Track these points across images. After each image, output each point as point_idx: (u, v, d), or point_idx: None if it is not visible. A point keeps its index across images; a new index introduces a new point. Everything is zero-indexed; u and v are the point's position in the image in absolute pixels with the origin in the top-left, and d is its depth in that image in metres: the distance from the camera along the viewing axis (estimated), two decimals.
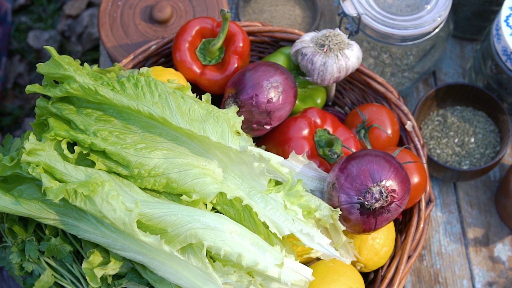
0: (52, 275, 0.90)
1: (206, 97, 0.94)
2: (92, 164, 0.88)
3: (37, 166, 0.84)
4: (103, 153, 0.87)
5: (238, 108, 0.94)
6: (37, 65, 0.89)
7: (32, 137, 0.86)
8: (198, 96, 1.05)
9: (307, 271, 0.86)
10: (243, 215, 0.87)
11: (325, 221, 0.89)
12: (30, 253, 0.90)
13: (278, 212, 0.87)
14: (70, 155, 0.87)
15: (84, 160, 0.89)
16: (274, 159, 0.91)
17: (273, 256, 0.84)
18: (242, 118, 0.92)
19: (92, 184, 0.82)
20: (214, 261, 0.85)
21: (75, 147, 0.88)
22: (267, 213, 0.87)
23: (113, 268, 0.86)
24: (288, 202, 0.88)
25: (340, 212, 0.88)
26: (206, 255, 0.84)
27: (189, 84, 0.97)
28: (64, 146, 0.87)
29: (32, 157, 0.85)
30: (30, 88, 0.88)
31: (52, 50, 0.89)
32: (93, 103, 0.89)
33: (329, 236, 0.91)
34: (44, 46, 0.89)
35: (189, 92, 0.94)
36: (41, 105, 0.90)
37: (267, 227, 0.87)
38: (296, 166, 0.93)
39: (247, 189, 0.88)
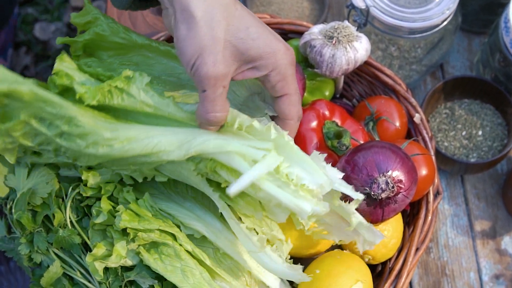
0: (61, 266, 0.90)
1: None
2: None
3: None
4: None
5: None
6: (71, 14, 0.91)
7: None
8: None
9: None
10: None
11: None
12: (39, 244, 0.90)
13: None
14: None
15: None
16: None
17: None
18: None
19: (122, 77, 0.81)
20: None
21: None
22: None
23: (114, 261, 0.86)
24: None
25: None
26: None
27: None
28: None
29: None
30: (60, 40, 0.90)
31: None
32: (116, 49, 0.91)
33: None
34: None
35: None
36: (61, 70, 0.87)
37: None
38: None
39: None
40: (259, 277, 0.88)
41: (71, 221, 0.91)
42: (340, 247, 0.99)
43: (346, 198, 0.85)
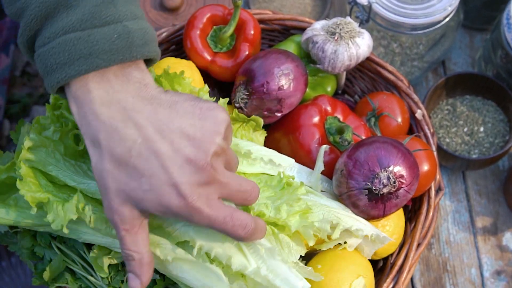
0: (64, 260, 0.90)
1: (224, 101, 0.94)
2: None
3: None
4: None
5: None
6: None
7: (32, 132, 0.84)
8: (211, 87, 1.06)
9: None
10: None
11: None
12: (42, 238, 0.91)
13: None
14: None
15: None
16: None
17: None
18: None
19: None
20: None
21: None
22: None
23: (116, 256, 0.86)
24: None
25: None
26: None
27: (206, 86, 0.94)
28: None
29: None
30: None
31: None
32: None
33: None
34: None
35: (206, 95, 0.93)
36: None
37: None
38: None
39: None
40: None
41: None
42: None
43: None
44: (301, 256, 0.94)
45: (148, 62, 0.76)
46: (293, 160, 0.94)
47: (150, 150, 0.69)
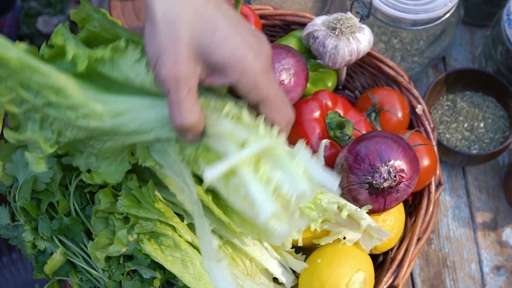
0: (65, 253, 0.91)
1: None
2: None
3: None
4: None
5: None
6: (70, 11, 0.89)
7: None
8: None
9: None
10: None
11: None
12: (43, 230, 0.91)
13: None
14: None
15: None
16: None
17: None
18: None
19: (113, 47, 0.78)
20: None
21: None
22: None
23: (114, 250, 0.86)
24: None
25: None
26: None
27: None
28: None
29: None
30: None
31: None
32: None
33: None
34: None
35: None
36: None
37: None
38: None
39: None
40: (262, 264, 0.89)
41: (75, 210, 0.91)
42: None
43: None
44: (300, 251, 0.95)
45: None
46: None
47: (225, 7, 0.71)
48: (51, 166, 0.90)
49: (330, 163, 0.95)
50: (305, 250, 0.96)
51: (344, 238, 0.92)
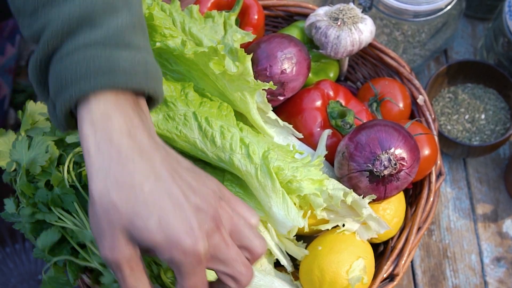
0: (59, 231, 0.90)
1: None
2: None
3: None
4: None
5: None
6: None
7: None
8: None
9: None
10: None
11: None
12: (40, 198, 0.89)
13: None
14: None
15: None
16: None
17: None
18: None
19: None
20: None
21: None
22: None
23: None
24: None
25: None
26: None
27: None
28: None
29: None
30: None
31: None
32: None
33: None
34: None
35: None
36: None
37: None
38: None
39: None
40: None
41: (69, 182, 0.90)
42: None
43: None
44: (301, 238, 0.95)
45: (150, 103, 0.73)
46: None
47: (162, 189, 0.67)
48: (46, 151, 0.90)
49: (331, 151, 0.96)
50: (305, 238, 0.97)
51: (343, 225, 0.93)
